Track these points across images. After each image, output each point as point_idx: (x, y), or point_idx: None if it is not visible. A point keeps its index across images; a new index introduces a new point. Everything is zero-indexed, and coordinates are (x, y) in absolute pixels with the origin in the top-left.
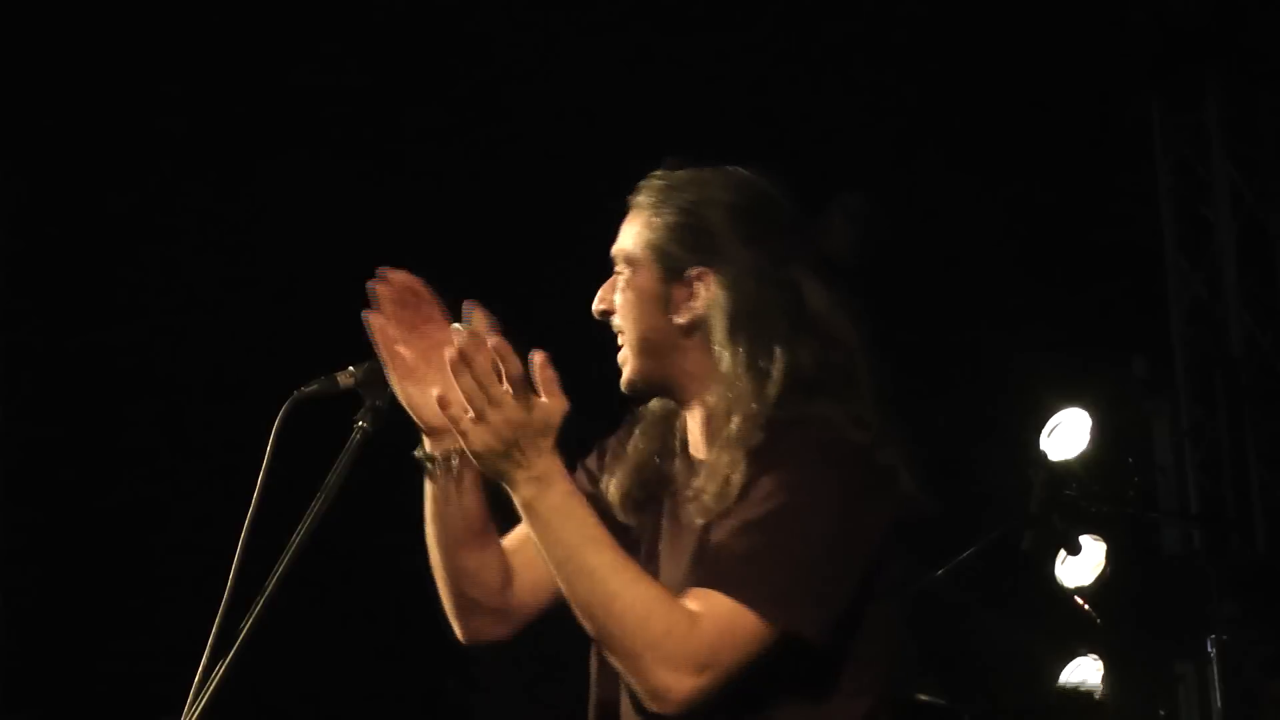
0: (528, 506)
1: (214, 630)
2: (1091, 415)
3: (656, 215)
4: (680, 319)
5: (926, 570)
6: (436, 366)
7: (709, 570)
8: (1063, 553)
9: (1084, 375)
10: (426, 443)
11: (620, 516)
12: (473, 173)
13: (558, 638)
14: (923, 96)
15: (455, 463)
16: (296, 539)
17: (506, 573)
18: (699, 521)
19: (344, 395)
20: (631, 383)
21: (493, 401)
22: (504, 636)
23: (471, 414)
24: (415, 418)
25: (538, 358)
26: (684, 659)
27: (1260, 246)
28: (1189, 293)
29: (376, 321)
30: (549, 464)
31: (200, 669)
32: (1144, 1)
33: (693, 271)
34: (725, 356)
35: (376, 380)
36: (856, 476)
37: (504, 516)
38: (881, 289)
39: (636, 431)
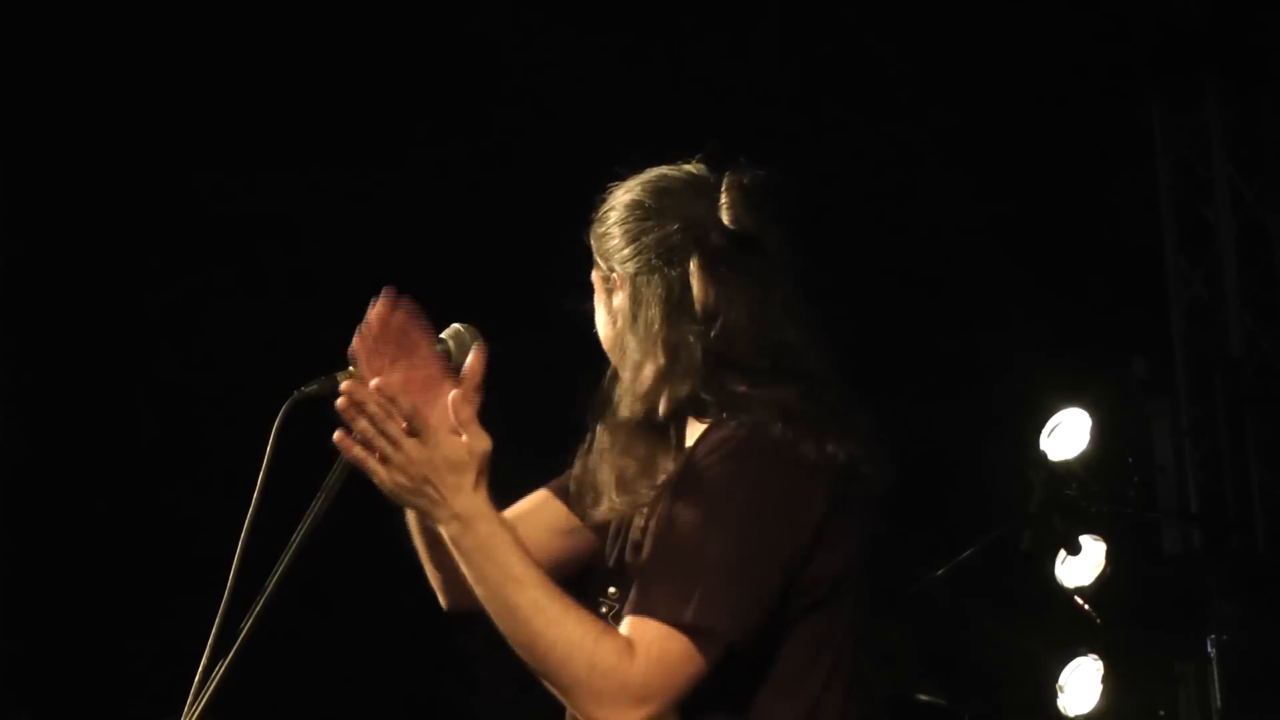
0: (451, 543)
1: (214, 630)
2: (1091, 415)
3: (610, 234)
4: (616, 324)
5: (926, 570)
6: (412, 395)
7: (634, 598)
8: (1063, 553)
9: (1084, 375)
10: None
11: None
12: (473, 173)
13: None
14: (923, 97)
15: None
16: (296, 539)
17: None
18: (634, 521)
19: None
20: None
21: (391, 441)
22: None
23: (375, 455)
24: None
25: (453, 396)
26: (616, 694)
27: (1260, 246)
28: (1189, 293)
29: (361, 348)
30: (468, 502)
31: (200, 669)
32: (1144, 2)
33: (614, 277)
34: (635, 351)
35: None
36: (771, 475)
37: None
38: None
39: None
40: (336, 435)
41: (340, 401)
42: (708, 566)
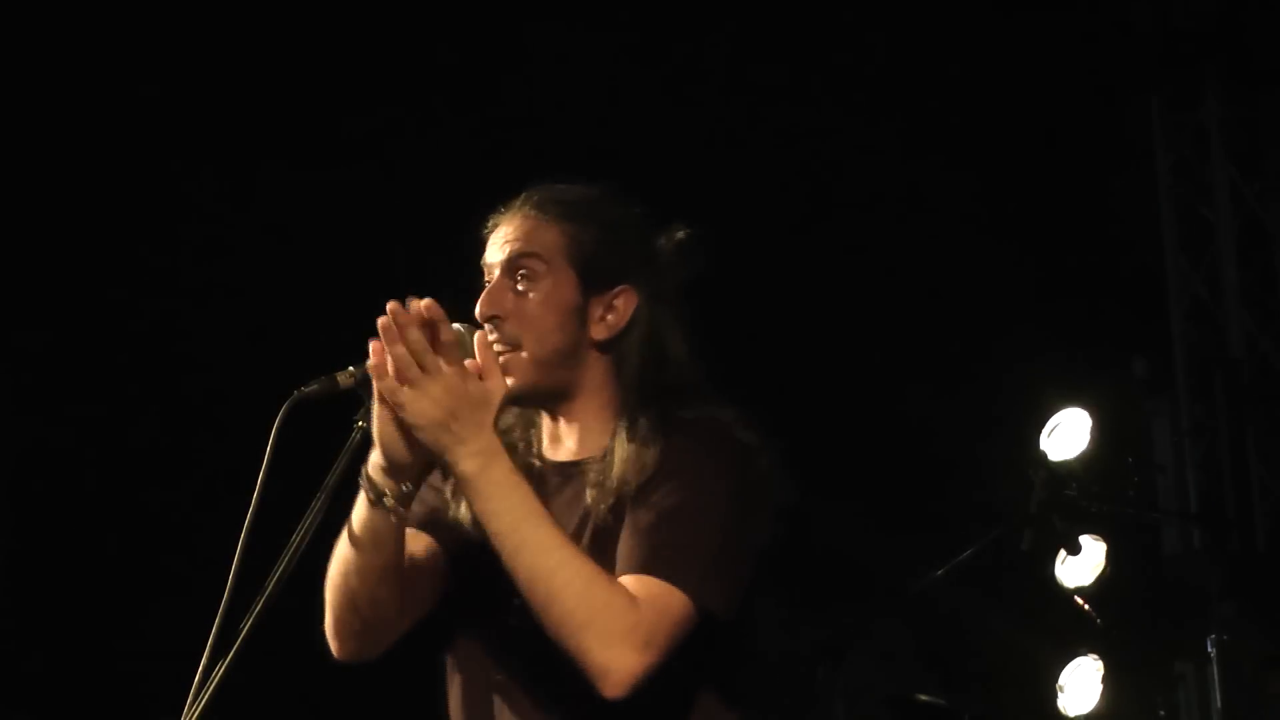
0: (468, 481)
1: (214, 630)
2: (1091, 415)
3: (573, 225)
4: (597, 334)
5: (926, 570)
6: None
7: (636, 557)
8: (1063, 553)
9: (1084, 375)
10: (378, 476)
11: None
12: (472, 176)
13: None
14: (923, 97)
15: (403, 504)
16: (296, 539)
17: (401, 602)
18: (602, 508)
19: (344, 395)
20: (519, 391)
21: (427, 370)
22: (377, 656)
23: (407, 384)
24: (380, 448)
25: (478, 337)
26: (625, 634)
27: (1260, 246)
28: (1189, 293)
29: (377, 351)
30: (489, 440)
31: (200, 669)
32: (1144, 1)
33: (613, 289)
34: (631, 369)
35: None
36: (748, 473)
37: None
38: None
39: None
40: (371, 364)
41: (382, 321)
42: (705, 543)
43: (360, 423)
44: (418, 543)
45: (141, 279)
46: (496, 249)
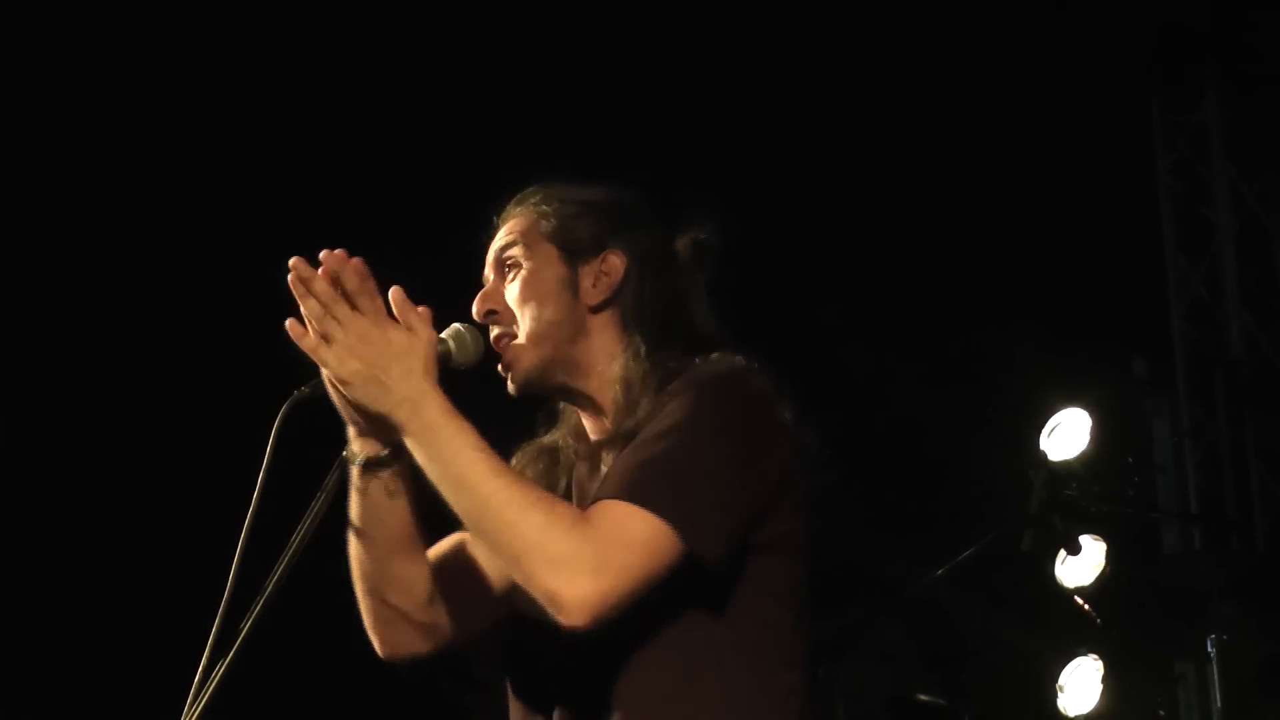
0: (404, 430)
1: (214, 631)
2: (1091, 415)
3: (548, 207)
4: (590, 299)
5: (926, 570)
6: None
7: (605, 483)
8: (1063, 553)
9: (1084, 375)
10: (355, 443)
11: None
12: (473, 179)
13: None
14: (923, 97)
15: (386, 466)
16: (296, 539)
17: (433, 587)
18: (609, 456)
19: None
20: (528, 376)
21: (341, 322)
22: (426, 653)
23: (325, 340)
24: (344, 415)
25: (393, 292)
26: (568, 558)
27: (1260, 246)
28: (1189, 293)
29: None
30: (419, 385)
31: (200, 669)
32: (1144, 1)
33: (600, 254)
34: (640, 329)
35: None
36: (756, 413)
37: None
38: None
39: (540, 445)
40: (289, 322)
41: (290, 278)
42: (683, 471)
43: None
44: (468, 555)
45: (139, 278)
46: (489, 253)
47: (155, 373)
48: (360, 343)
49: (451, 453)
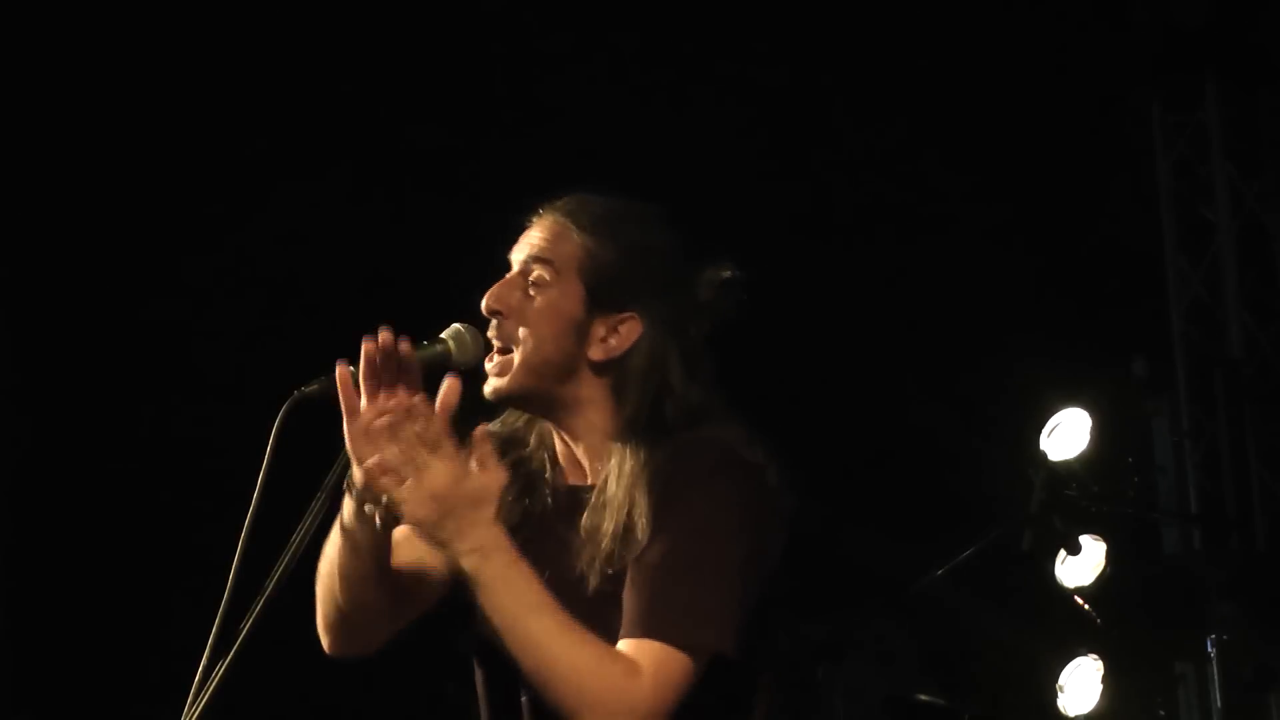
0: (468, 576)
1: (214, 631)
2: (1091, 415)
3: (593, 240)
4: (595, 354)
5: (926, 570)
6: (392, 431)
7: (635, 618)
8: (1063, 553)
9: (1084, 375)
10: (357, 473)
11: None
12: (473, 181)
13: None
14: (922, 97)
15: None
16: (296, 539)
17: (393, 603)
18: (598, 564)
19: None
20: (509, 394)
21: (419, 468)
22: (371, 653)
23: (401, 483)
24: (358, 477)
25: (478, 431)
26: (626, 713)
27: (1260, 246)
28: (1189, 293)
29: (345, 373)
30: (487, 534)
31: (200, 669)
32: (1144, 2)
33: (620, 314)
34: (632, 399)
35: None
36: (754, 496)
37: None
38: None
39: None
40: (370, 462)
41: (379, 423)
42: (704, 586)
43: None
44: (414, 547)
45: (139, 278)
46: (521, 247)
47: (155, 372)
48: (440, 492)
49: (518, 609)
